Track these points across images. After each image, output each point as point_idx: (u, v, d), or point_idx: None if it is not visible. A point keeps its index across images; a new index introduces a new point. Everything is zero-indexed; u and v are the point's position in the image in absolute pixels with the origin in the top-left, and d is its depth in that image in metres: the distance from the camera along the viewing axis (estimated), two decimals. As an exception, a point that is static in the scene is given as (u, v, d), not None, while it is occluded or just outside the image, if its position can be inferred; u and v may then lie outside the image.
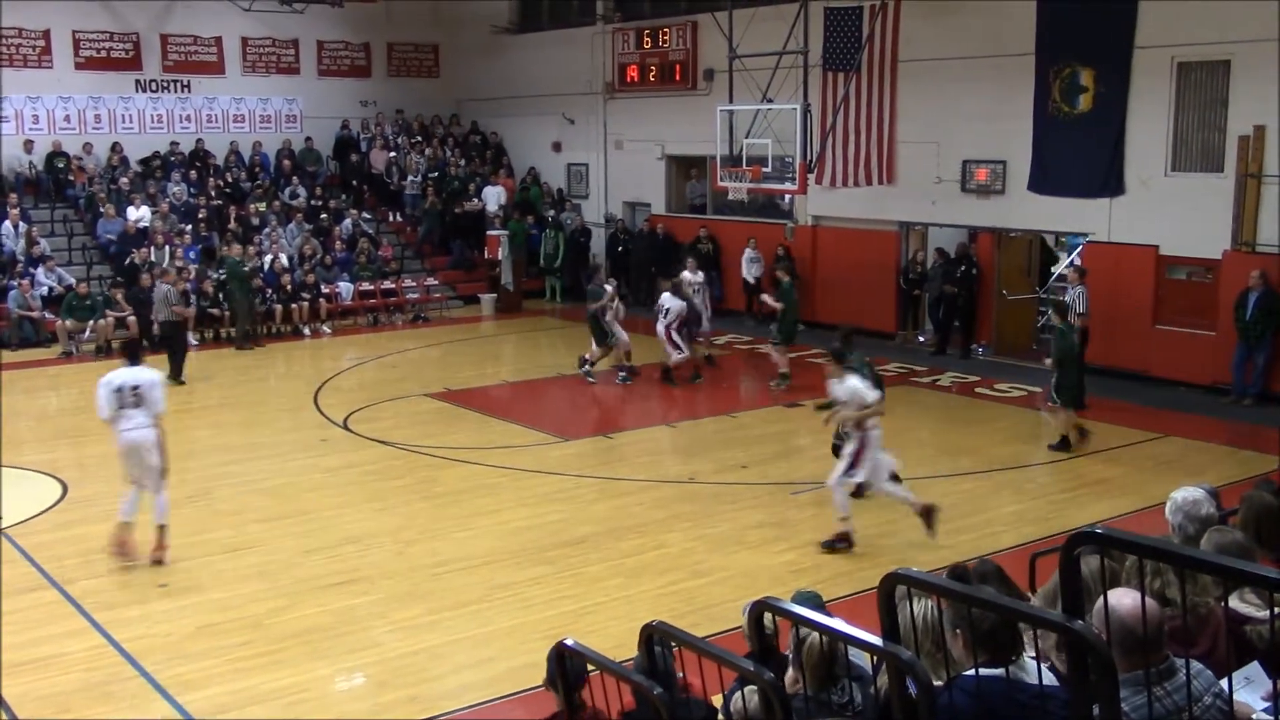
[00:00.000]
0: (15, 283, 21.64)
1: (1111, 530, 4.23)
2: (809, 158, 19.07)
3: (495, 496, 12.83)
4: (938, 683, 3.76)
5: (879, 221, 21.25)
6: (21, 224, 23.08)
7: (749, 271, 23.03)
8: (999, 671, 3.77)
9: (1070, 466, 13.90)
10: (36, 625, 9.40)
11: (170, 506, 10.89)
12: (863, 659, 4.64)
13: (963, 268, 19.78)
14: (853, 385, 10.72)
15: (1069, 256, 20.58)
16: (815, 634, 4.58)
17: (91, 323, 21.03)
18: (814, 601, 5.75)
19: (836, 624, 4.23)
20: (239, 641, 9.07)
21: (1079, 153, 18.01)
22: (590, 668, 5.43)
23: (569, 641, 5.38)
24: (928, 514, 10.71)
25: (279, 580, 10.35)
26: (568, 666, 5.37)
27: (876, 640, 3.86)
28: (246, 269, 21.78)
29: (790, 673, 4.99)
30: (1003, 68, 18.71)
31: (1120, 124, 17.62)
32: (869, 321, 20.40)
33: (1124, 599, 3.74)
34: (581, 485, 13.05)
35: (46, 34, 25.15)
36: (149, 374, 10.92)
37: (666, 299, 17.71)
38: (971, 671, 3.76)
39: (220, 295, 22.16)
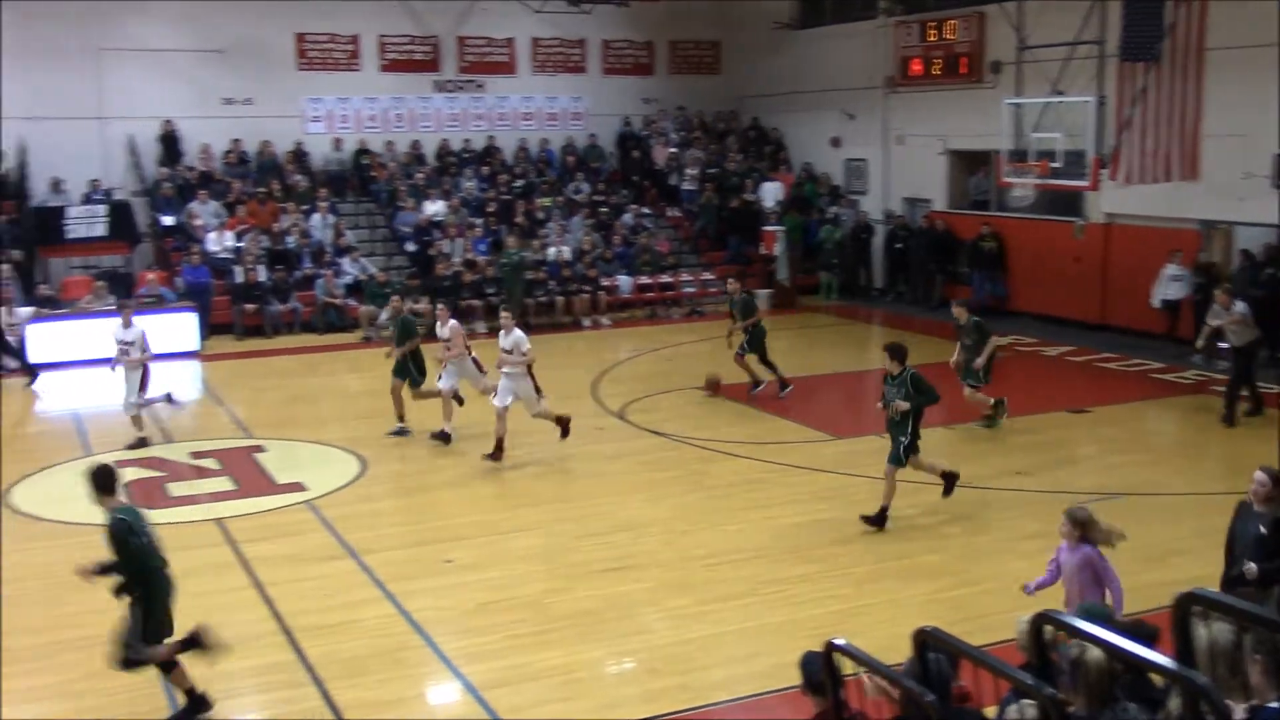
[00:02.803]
0: (322, 272, 23.22)
1: None
2: (1102, 152, 18.23)
3: (765, 492, 12.87)
4: (1239, 715, 3.54)
5: (1179, 220, 20.04)
6: (330, 216, 24.75)
7: (1171, 290, 19.57)
8: (1306, 705, 3.51)
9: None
10: (336, 592, 10.10)
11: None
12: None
13: (1269, 270, 18.42)
14: None
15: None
16: (1096, 650, 4.38)
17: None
18: (1101, 616, 5.49)
19: (1126, 643, 4.04)
20: (516, 619, 9.45)
21: None
22: (847, 671, 5.37)
23: (838, 641, 5.34)
24: None
25: (554, 563, 10.73)
26: (835, 666, 5.32)
27: (1168, 662, 3.66)
28: (512, 260, 22.60)
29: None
30: (1323, 54, 17.31)
31: None
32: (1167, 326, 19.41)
33: None
34: (853, 484, 12.91)
35: (355, 39, 26.86)
36: None
37: None
38: (1276, 704, 3.51)
39: (498, 286, 23.16)
